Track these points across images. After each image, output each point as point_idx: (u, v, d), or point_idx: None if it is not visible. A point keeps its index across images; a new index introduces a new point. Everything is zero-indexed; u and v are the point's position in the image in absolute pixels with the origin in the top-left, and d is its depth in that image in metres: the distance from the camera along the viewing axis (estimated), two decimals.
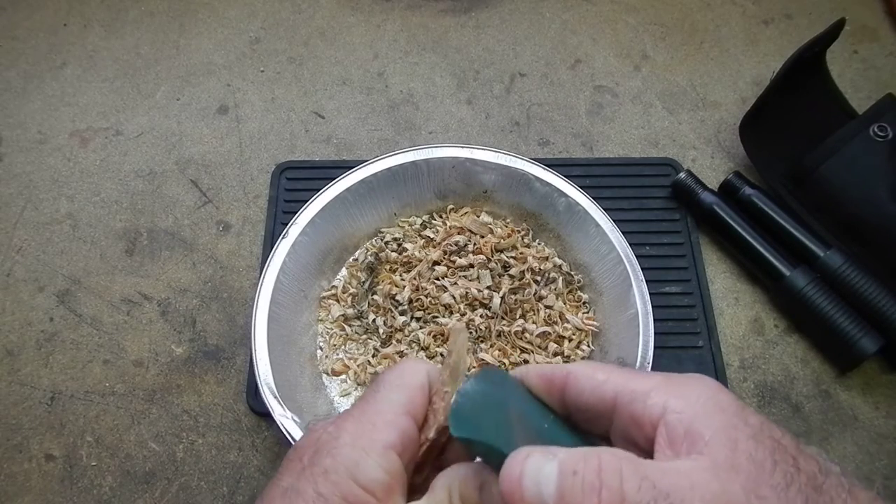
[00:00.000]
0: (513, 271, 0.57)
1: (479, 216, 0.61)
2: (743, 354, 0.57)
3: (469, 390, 0.26)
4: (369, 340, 0.55)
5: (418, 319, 0.55)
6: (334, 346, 0.55)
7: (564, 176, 0.57)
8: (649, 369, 0.48)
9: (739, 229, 0.59)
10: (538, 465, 0.21)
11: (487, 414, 0.25)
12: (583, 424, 0.26)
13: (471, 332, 0.54)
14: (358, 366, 0.54)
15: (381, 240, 0.59)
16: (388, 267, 0.58)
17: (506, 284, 0.56)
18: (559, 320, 0.55)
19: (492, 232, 0.59)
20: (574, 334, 0.55)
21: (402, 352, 0.54)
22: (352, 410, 0.26)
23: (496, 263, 0.57)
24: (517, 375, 0.27)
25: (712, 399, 0.22)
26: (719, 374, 0.55)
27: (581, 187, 0.56)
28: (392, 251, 0.58)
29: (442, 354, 0.54)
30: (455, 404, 0.26)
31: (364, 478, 0.24)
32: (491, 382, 0.26)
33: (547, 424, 0.26)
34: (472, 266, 0.57)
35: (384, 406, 0.26)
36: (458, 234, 0.58)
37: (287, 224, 0.54)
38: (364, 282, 0.57)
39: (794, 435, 0.22)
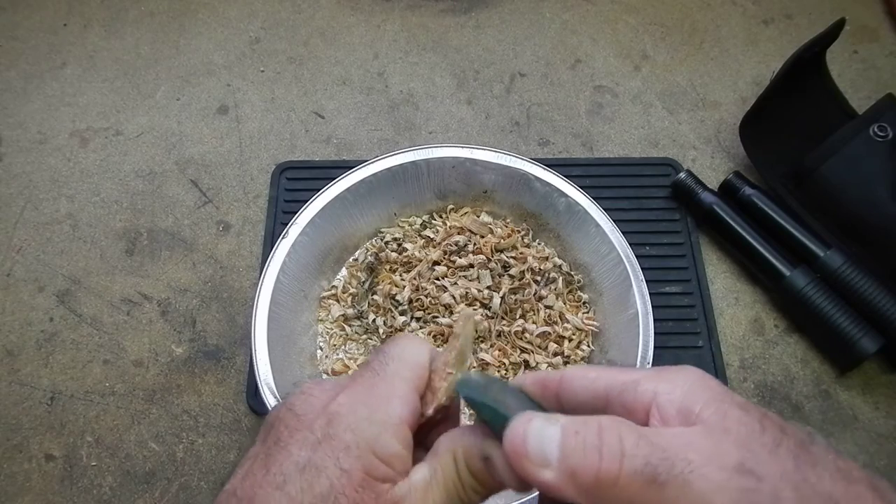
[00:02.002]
0: (513, 271, 0.57)
1: (479, 216, 0.61)
2: (743, 354, 0.57)
3: (473, 375, 0.27)
4: (369, 340, 0.55)
5: (418, 319, 0.55)
6: (334, 346, 0.55)
7: (564, 176, 0.57)
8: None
9: (739, 229, 0.59)
10: (541, 426, 0.22)
11: (491, 389, 0.26)
12: None
13: None
14: (358, 366, 0.54)
15: (381, 240, 0.59)
16: (388, 267, 0.58)
17: (506, 284, 0.56)
18: (559, 320, 0.55)
19: (492, 232, 0.59)
20: (574, 334, 0.55)
21: None
22: (359, 381, 0.27)
23: (496, 263, 0.57)
24: (514, 383, 0.28)
25: (699, 381, 0.23)
26: (719, 373, 0.55)
27: (581, 187, 0.56)
28: (392, 251, 0.58)
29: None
30: (463, 375, 0.27)
31: (384, 451, 0.25)
32: (491, 379, 0.28)
33: None
34: (472, 266, 0.57)
35: (396, 381, 0.27)
36: (458, 234, 0.58)
37: (287, 224, 0.54)
38: (364, 282, 0.57)
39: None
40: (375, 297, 0.56)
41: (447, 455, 0.26)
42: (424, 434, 0.28)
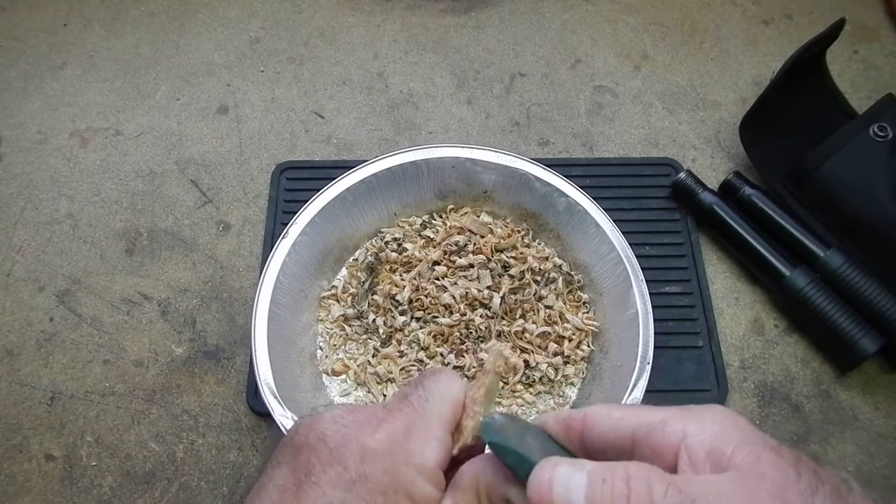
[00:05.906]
0: (513, 271, 0.57)
1: (479, 216, 0.61)
2: (743, 354, 0.57)
3: (497, 416, 0.26)
4: (369, 340, 0.55)
5: (418, 319, 0.55)
6: (334, 346, 0.55)
7: (564, 176, 0.57)
8: (649, 369, 0.48)
9: (739, 229, 0.59)
10: (568, 473, 0.22)
11: (515, 432, 0.25)
12: None
13: (470, 333, 0.54)
14: (358, 366, 0.54)
15: (381, 240, 0.59)
16: (388, 267, 0.58)
17: (506, 284, 0.56)
18: (559, 320, 0.55)
19: (492, 232, 0.59)
20: (574, 334, 0.55)
21: (403, 351, 0.54)
22: (397, 416, 0.26)
23: (496, 263, 0.57)
24: (536, 423, 0.28)
25: (728, 421, 0.23)
26: (719, 374, 0.55)
27: (581, 187, 0.56)
28: (392, 251, 0.58)
29: (442, 354, 0.54)
30: (486, 417, 0.26)
31: (420, 497, 0.25)
32: (515, 419, 0.27)
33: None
34: (472, 266, 0.57)
35: (434, 421, 0.26)
36: (458, 234, 0.58)
37: (287, 224, 0.54)
38: (364, 282, 0.57)
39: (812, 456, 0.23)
40: (375, 297, 0.56)
41: (470, 491, 0.25)
42: (447, 467, 0.28)
